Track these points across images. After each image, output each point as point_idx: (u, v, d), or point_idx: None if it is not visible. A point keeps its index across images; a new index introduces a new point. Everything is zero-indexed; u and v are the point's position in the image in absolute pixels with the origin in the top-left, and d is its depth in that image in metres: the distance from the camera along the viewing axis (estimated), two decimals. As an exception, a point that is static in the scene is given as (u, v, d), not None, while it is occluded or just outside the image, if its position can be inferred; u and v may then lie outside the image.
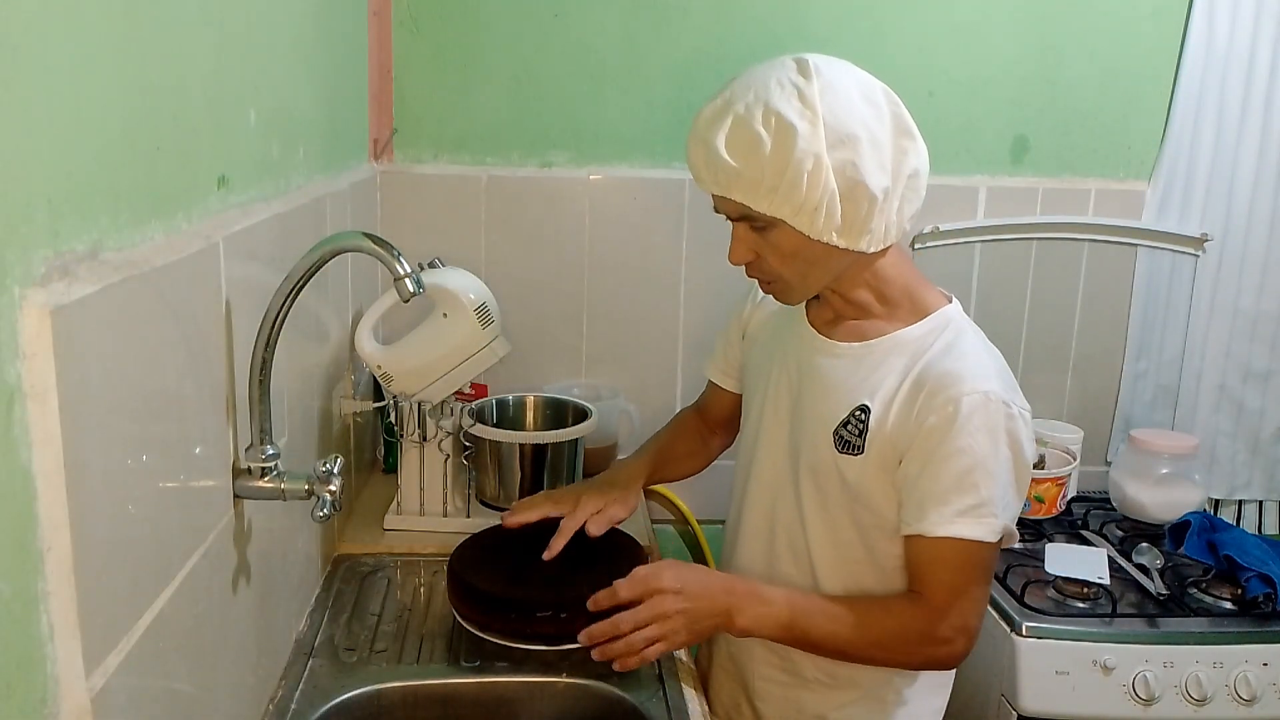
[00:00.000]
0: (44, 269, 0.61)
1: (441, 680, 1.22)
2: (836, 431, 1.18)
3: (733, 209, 1.13)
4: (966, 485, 1.10)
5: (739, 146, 1.06)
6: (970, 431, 1.09)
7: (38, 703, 0.61)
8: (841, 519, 1.20)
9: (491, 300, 1.54)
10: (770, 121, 1.05)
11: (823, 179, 1.05)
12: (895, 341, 1.17)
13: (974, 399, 1.10)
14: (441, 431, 1.58)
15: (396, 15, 1.83)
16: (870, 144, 1.07)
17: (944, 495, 1.10)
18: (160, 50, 0.79)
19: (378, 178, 1.86)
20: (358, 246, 0.96)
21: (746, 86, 1.09)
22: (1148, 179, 2.01)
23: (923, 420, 1.11)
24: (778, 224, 1.10)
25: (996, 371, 1.14)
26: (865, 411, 1.16)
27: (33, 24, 0.59)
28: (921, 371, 1.14)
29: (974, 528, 1.10)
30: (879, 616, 1.16)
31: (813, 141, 1.04)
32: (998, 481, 1.11)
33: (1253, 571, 1.61)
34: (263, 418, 0.98)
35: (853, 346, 1.20)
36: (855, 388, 1.17)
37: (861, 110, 1.08)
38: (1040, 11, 1.92)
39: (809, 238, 1.10)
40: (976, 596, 1.14)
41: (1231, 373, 2.06)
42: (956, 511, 1.10)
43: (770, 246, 1.13)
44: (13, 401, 0.58)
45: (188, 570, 0.85)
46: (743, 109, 1.07)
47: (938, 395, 1.11)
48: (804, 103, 1.05)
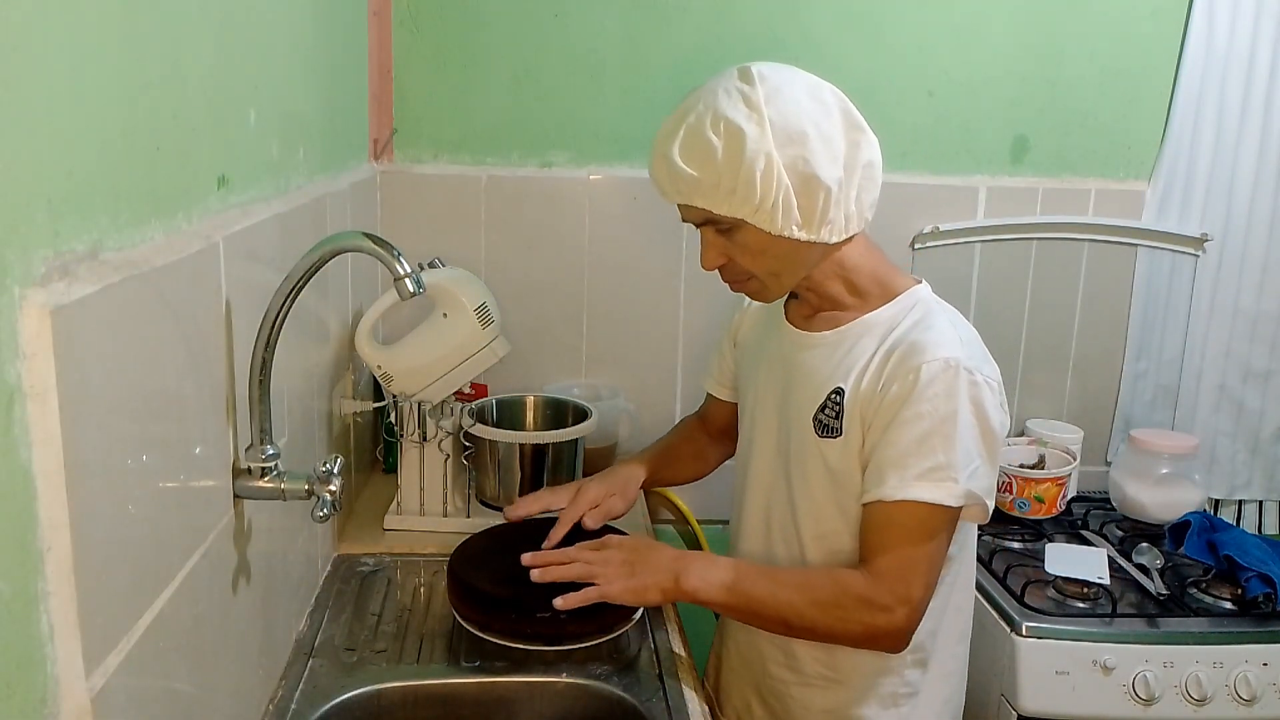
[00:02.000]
0: (44, 269, 0.61)
1: (441, 680, 1.22)
2: (815, 417, 1.21)
3: (696, 216, 1.16)
4: (924, 449, 1.11)
5: (693, 154, 1.11)
6: (929, 397, 1.11)
7: (38, 703, 0.61)
8: (827, 507, 1.22)
9: (491, 300, 1.54)
10: (719, 127, 1.10)
11: (775, 176, 1.09)
12: (865, 324, 1.21)
13: (934, 365, 1.12)
14: (441, 431, 1.58)
15: (396, 15, 1.83)
16: (819, 139, 1.11)
17: (902, 459, 1.12)
18: (160, 50, 0.79)
19: (378, 178, 1.86)
20: (358, 246, 0.96)
21: (697, 99, 1.14)
22: (1148, 179, 2.01)
23: (887, 389, 1.14)
24: (741, 224, 1.14)
25: (962, 340, 1.16)
26: (840, 394, 1.19)
27: (32, 24, 0.59)
28: (890, 344, 1.17)
29: (931, 490, 1.11)
30: (821, 580, 1.17)
31: (761, 142, 1.09)
32: (958, 446, 1.11)
33: (1253, 571, 1.61)
34: (263, 418, 0.98)
35: (826, 335, 1.23)
36: (831, 373, 1.21)
37: (808, 108, 1.12)
38: (1040, 11, 1.92)
39: (772, 234, 1.13)
40: (922, 564, 1.13)
41: (1231, 373, 2.06)
42: (915, 475, 1.11)
43: (738, 248, 1.17)
44: (13, 401, 0.58)
45: (188, 570, 0.85)
46: (693, 119, 1.12)
47: (902, 363, 1.14)
48: (750, 106, 1.10)
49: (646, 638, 1.33)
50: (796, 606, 1.15)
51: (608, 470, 1.48)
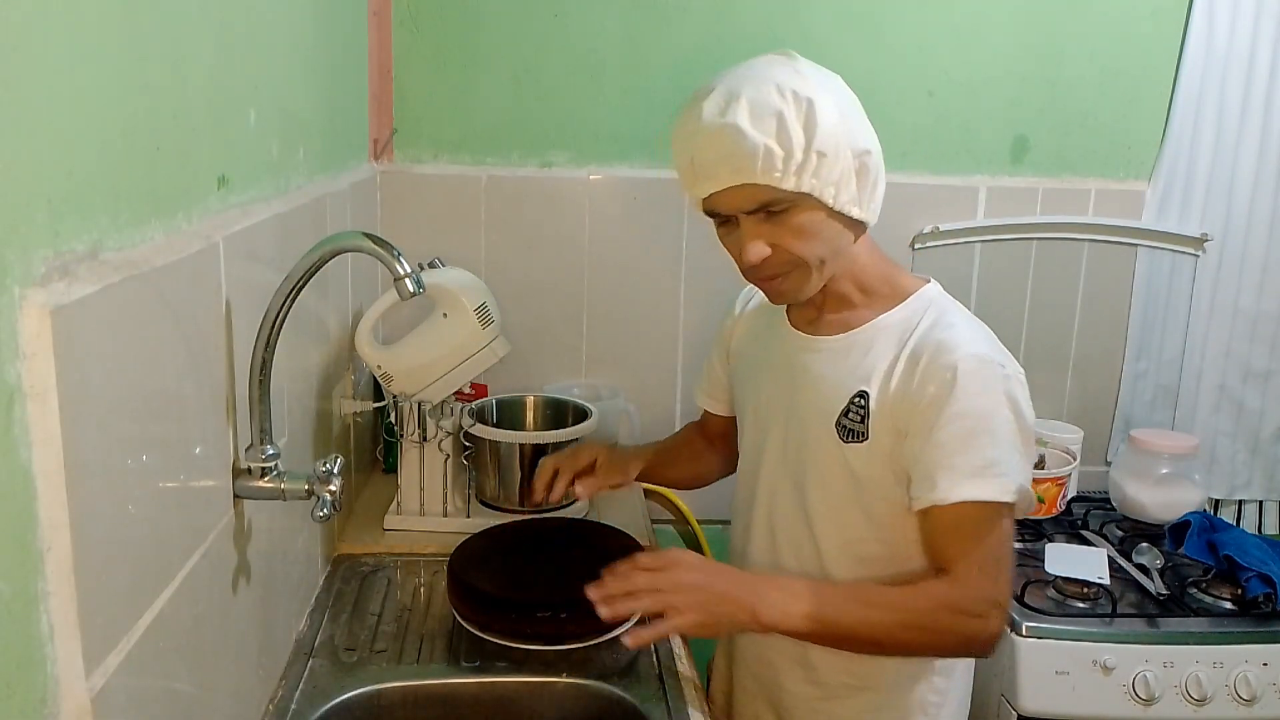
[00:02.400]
0: (44, 269, 0.61)
1: (441, 680, 1.22)
2: (838, 422, 1.17)
3: (750, 199, 1.10)
4: (971, 446, 1.09)
5: (765, 122, 1.06)
6: (969, 394, 1.09)
7: (38, 703, 0.61)
8: (849, 512, 1.19)
9: (491, 300, 1.53)
10: (787, 95, 1.06)
11: (843, 146, 1.08)
12: (880, 326, 1.18)
13: (969, 362, 1.10)
14: (441, 431, 1.58)
15: (396, 15, 1.83)
16: (860, 116, 1.12)
17: (950, 460, 1.09)
18: (160, 50, 0.79)
19: (378, 178, 1.86)
20: (358, 246, 0.96)
21: (741, 76, 1.10)
22: (1148, 179, 2.01)
23: (923, 391, 1.11)
24: (800, 203, 1.10)
25: (986, 337, 1.16)
26: (864, 397, 1.15)
27: (32, 24, 0.59)
28: (915, 346, 1.14)
29: (986, 487, 1.08)
30: (908, 596, 1.10)
31: (827, 111, 1.07)
32: (1002, 441, 1.10)
33: (1253, 571, 1.61)
34: (263, 418, 0.98)
35: (839, 338, 1.20)
36: (848, 376, 1.18)
37: (843, 86, 1.14)
38: (1040, 11, 1.92)
39: (830, 212, 1.11)
40: (1001, 566, 1.10)
41: (1231, 373, 2.06)
42: (965, 474, 1.08)
43: (789, 231, 1.12)
44: (13, 401, 0.58)
45: (188, 570, 0.85)
46: (753, 92, 1.07)
47: (933, 363, 1.11)
48: (804, 79, 1.09)
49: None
50: (889, 628, 1.09)
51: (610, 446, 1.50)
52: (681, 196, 1.90)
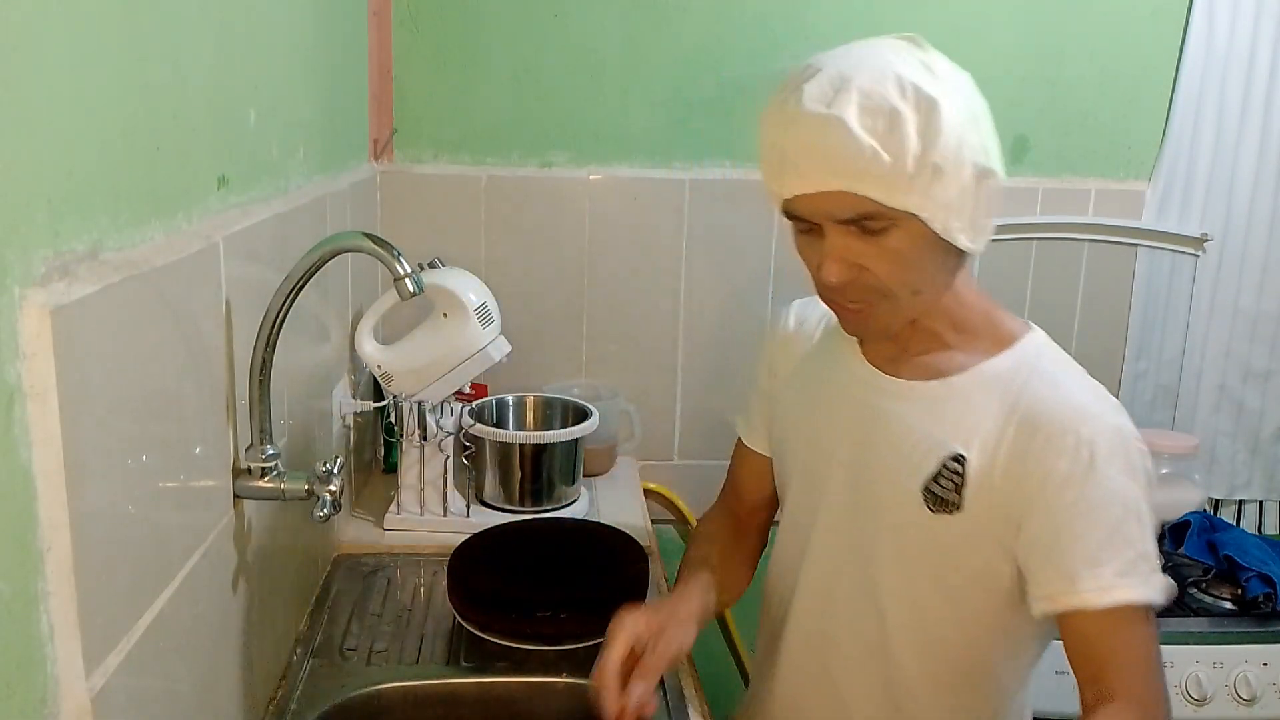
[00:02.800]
0: (44, 269, 0.61)
1: (441, 680, 1.22)
2: (927, 488, 1.00)
3: (848, 208, 0.92)
4: (1120, 539, 0.92)
5: (878, 124, 0.88)
6: (1114, 475, 0.93)
7: (38, 703, 0.61)
8: (926, 589, 1.03)
9: (491, 300, 1.54)
10: (908, 94, 0.89)
11: (965, 162, 0.92)
12: (981, 376, 1.00)
13: (1108, 437, 0.94)
14: (441, 431, 1.58)
15: (396, 15, 1.83)
16: (988, 125, 0.96)
17: (1096, 555, 0.92)
18: (160, 50, 0.79)
19: (378, 178, 1.86)
20: (358, 246, 0.96)
21: (857, 60, 0.93)
22: (1148, 179, 2.01)
23: (1049, 468, 0.94)
24: (905, 222, 0.92)
25: (1111, 401, 0.98)
26: (960, 462, 0.98)
27: (32, 24, 0.59)
28: (1029, 409, 0.96)
29: (1141, 588, 0.92)
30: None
31: (954, 116, 0.90)
32: (1148, 529, 0.94)
33: (1253, 571, 1.61)
34: (263, 418, 0.98)
35: (930, 385, 1.02)
36: (942, 434, 0.99)
37: (974, 88, 0.96)
38: (1040, 11, 1.92)
39: (936, 237, 0.93)
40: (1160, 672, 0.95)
41: (1231, 373, 2.06)
42: (1116, 572, 0.92)
43: (885, 254, 0.94)
44: (13, 401, 0.58)
45: (188, 570, 0.85)
46: (868, 82, 0.89)
47: (1062, 435, 0.94)
48: (934, 75, 0.92)
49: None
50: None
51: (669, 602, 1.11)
52: (682, 196, 1.93)
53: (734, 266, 1.95)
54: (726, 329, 1.97)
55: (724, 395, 1.97)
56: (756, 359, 1.23)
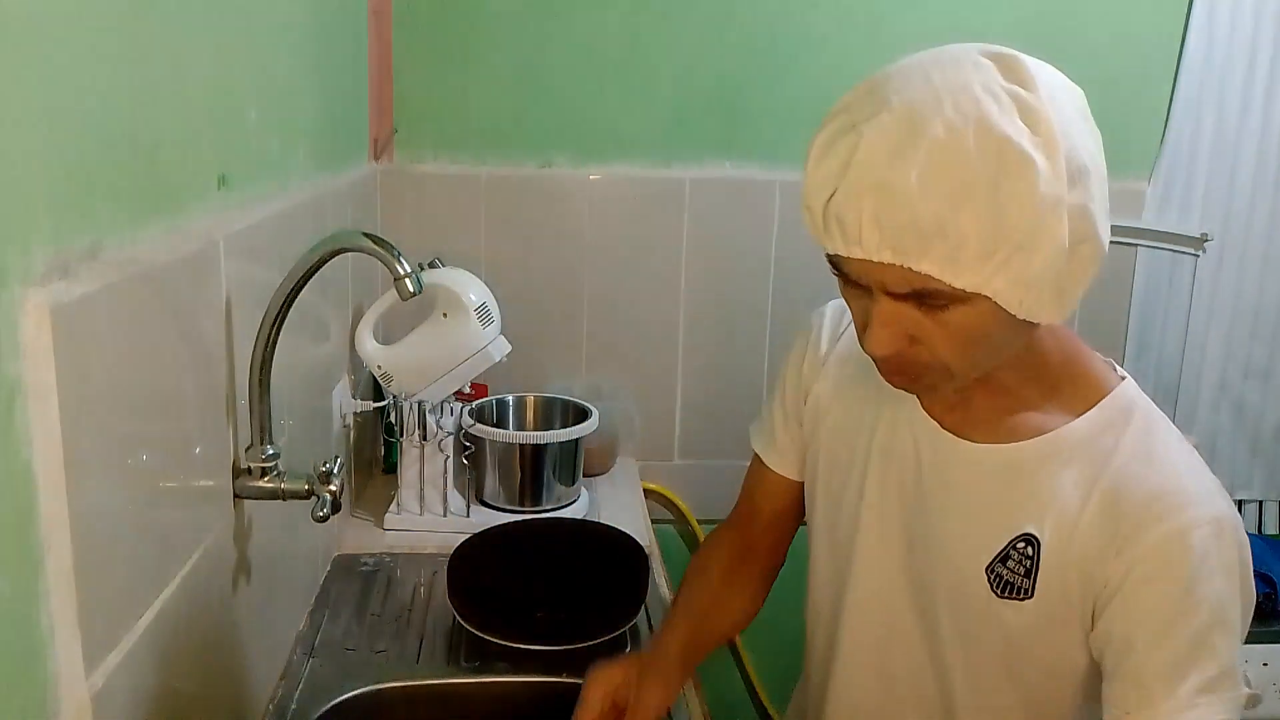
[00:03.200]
0: (44, 268, 0.61)
1: (441, 680, 1.22)
2: (992, 568, 0.88)
3: (903, 282, 0.76)
4: (1204, 652, 0.81)
5: (945, 189, 0.71)
6: (1206, 577, 0.81)
7: (38, 702, 0.61)
8: (995, 674, 0.91)
9: (491, 300, 1.54)
10: (990, 150, 0.71)
11: (1058, 234, 0.74)
12: (1063, 441, 0.86)
13: (1206, 532, 0.81)
14: (441, 431, 1.58)
15: (396, 15, 1.83)
16: (1099, 180, 0.78)
17: (1176, 668, 0.81)
18: (160, 49, 0.79)
19: (378, 177, 1.86)
20: (358, 246, 0.96)
21: (931, 95, 0.73)
22: (1148, 179, 2.01)
23: (1132, 561, 0.82)
24: (972, 301, 0.76)
25: (1210, 477, 0.85)
26: (1031, 543, 0.86)
27: (33, 24, 0.59)
28: (1115, 488, 0.84)
29: (1220, 709, 0.81)
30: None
31: (1052, 182, 0.72)
32: (1237, 637, 0.84)
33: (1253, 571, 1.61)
34: (263, 417, 0.98)
35: (999, 450, 0.88)
36: (1014, 508, 0.87)
37: (1084, 130, 0.77)
38: (1040, 13, 1.92)
39: (1008, 316, 0.77)
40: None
41: (1232, 372, 2.06)
42: (1195, 689, 0.80)
43: (943, 330, 0.79)
44: (13, 400, 0.58)
45: (188, 570, 0.85)
46: (943, 131, 0.72)
47: (1153, 527, 0.81)
48: (1033, 121, 0.73)
49: (647, 638, 1.32)
50: None
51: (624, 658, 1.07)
52: (682, 196, 1.93)
53: (734, 266, 1.95)
54: (726, 329, 1.97)
55: (724, 395, 1.97)
56: (783, 371, 1.08)
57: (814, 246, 0.83)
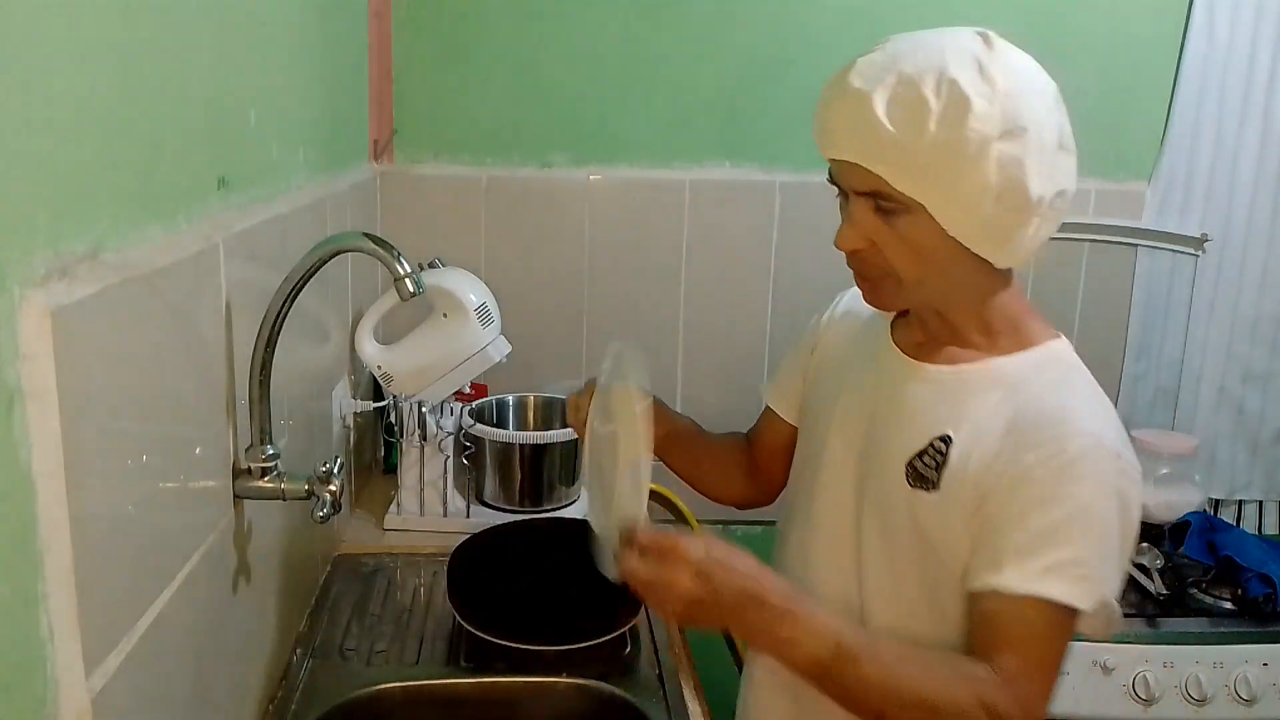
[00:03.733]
0: (44, 269, 0.61)
1: (441, 680, 1.23)
2: (911, 463, 1.01)
3: (862, 181, 0.95)
4: (1058, 539, 0.92)
5: (901, 110, 0.91)
6: (1075, 477, 0.93)
7: (38, 703, 0.61)
8: (907, 570, 1.02)
9: (491, 300, 1.54)
10: (942, 88, 0.91)
11: (984, 167, 0.91)
12: (992, 370, 1.01)
13: (1082, 441, 0.93)
14: (441, 431, 1.58)
15: (396, 15, 1.83)
16: (1038, 143, 0.93)
17: (1031, 546, 0.92)
18: (160, 51, 0.79)
19: (378, 178, 1.86)
20: (358, 246, 0.96)
21: (915, 46, 0.96)
22: (1148, 179, 2.01)
23: (1017, 458, 0.95)
24: (914, 210, 0.94)
25: (1111, 420, 0.98)
26: (946, 442, 0.99)
27: (32, 24, 0.59)
28: (1021, 405, 0.97)
29: (1065, 588, 0.91)
30: (939, 677, 0.93)
31: (985, 121, 0.90)
32: (1097, 540, 0.93)
33: (1253, 571, 1.61)
34: (263, 418, 0.98)
35: (943, 370, 1.03)
36: (941, 416, 1.01)
37: (1037, 102, 0.95)
38: (1040, 12, 1.92)
39: (944, 234, 0.94)
40: (1049, 673, 0.94)
41: (1231, 373, 2.06)
42: (1044, 566, 0.91)
43: (894, 236, 0.96)
44: (13, 402, 0.58)
45: (188, 570, 0.85)
46: (910, 68, 0.92)
47: (1039, 432, 0.95)
48: (983, 76, 0.92)
49: (647, 638, 1.33)
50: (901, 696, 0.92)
51: None
52: (682, 196, 1.93)
53: (734, 266, 1.95)
54: (726, 329, 1.97)
55: (724, 395, 1.97)
56: (801, 334, 1.25)
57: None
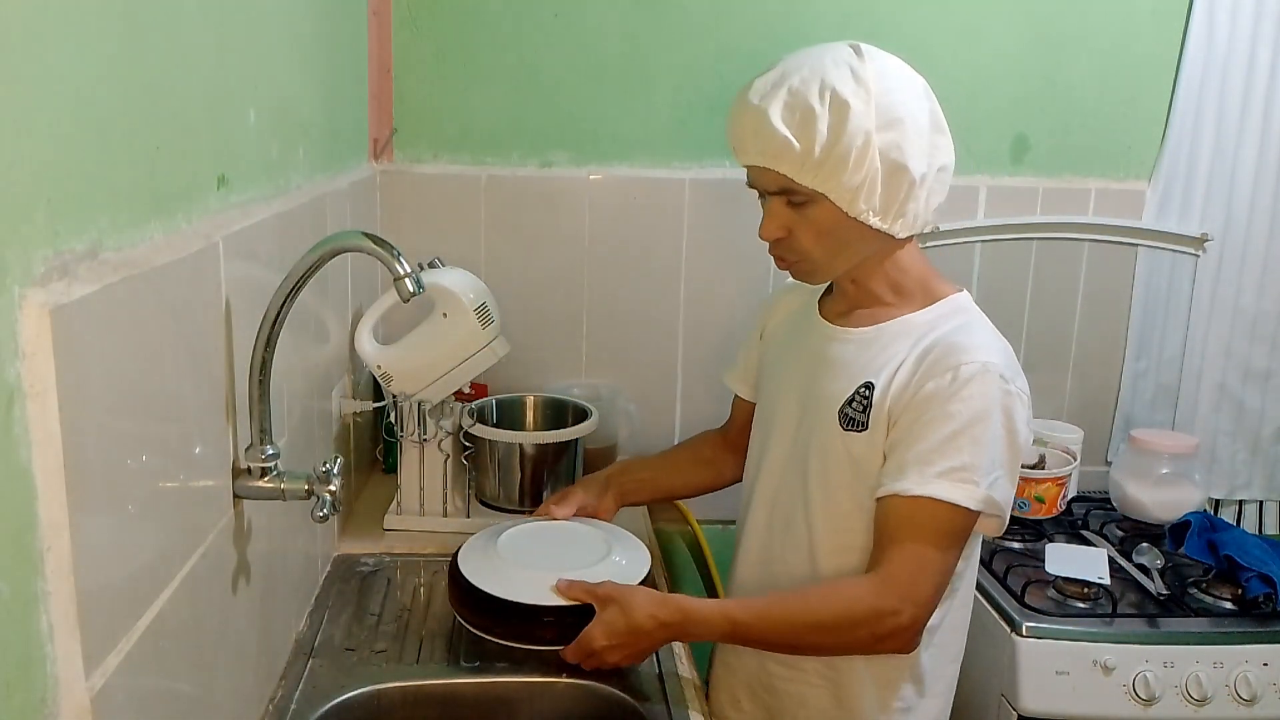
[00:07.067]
0: (44, 269, 0.61)
1: (441, 680, 1.22)
2: (842, 410, 1.19)
3: (773, 182, 1.14)
4: (951, 449, 1.10)
5: (793, 119, 1.09)
6: (963, 397, 1.10)
7: (38, 703, 0.61)
8: (845, 503, 1.19)
9: (491, 300, 1.54)
10: (825, 96, 1.08)
11: (869, 157, 1.09)
12: (904, 324, 1.19)
13: (971, 367, 1.11)
14: (441, 431, 1.58)
15: (396, 15, 1.83)
16: (914, 130, 1.11)
17: (926, 456, 1.10)
18: (160, 50, 0.79)
19: (377, 177, 1.86)
20: (358, 246, 0.96)
21: (800, 63, 1.12)
22: (1148, 179, 2.01)
23: (920, 385, 1.13)
24: (818, 200, 1.12)
25: (1001, 349, 1.16)
26: (870, 388, 1.17)
27: (32, 24, 0.59)
28: (929, 346, 1.15)
29: (952, 489, 1.09)
30: (822, 601, 1.14)
31: (864, 119, 1.08)
32: (984, 450, 1.10)
33: (1253, 571, 1.61)
34: (263, 418, 0.98)
35: (863, 331, 1.21)
36: (863, 367, 1.19)
37: (908, 96, 1.13)
38: (1040, 11, 1.92)
39: (846, 215, 1.13)
40: (936, 565, 1.12)
41: (1231, 372, 2.06)
42: (937, 473, 1.09)
43: (806, 223, 1.15)
44: (13, 401, 0.58)
45: (188, 570, 0.85)
46: (798, 82, 1.10)
47: (938, 364, 1.13)
48: (858, 81, 1.09)
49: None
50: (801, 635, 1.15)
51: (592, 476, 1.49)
52: (681, 196, 1.93)
53: (734, 266, 1.95)
54: (726, 329, 1.97)
55: (724, 395, 1.97)
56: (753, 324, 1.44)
57: None
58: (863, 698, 1.23)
